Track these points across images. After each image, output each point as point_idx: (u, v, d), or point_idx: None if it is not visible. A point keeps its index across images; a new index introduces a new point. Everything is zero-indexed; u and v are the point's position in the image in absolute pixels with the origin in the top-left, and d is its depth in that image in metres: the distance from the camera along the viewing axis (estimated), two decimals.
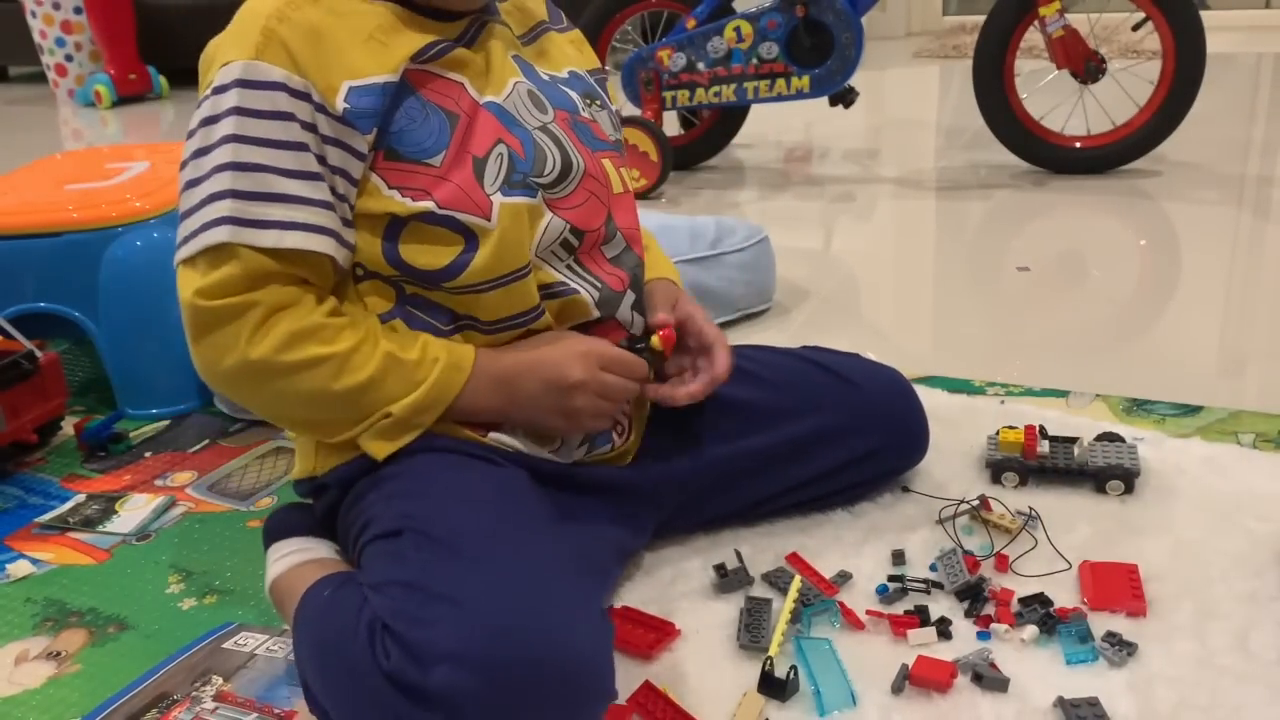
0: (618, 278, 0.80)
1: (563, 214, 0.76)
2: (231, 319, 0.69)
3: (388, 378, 0.71)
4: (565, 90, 0.82)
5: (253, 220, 0.69)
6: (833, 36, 1.88)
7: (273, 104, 0.69)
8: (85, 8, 3.22)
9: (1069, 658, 0.68)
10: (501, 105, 0.76)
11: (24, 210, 1.16)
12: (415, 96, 0.73)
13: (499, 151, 0.74)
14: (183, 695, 0.71)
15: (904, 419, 0.88)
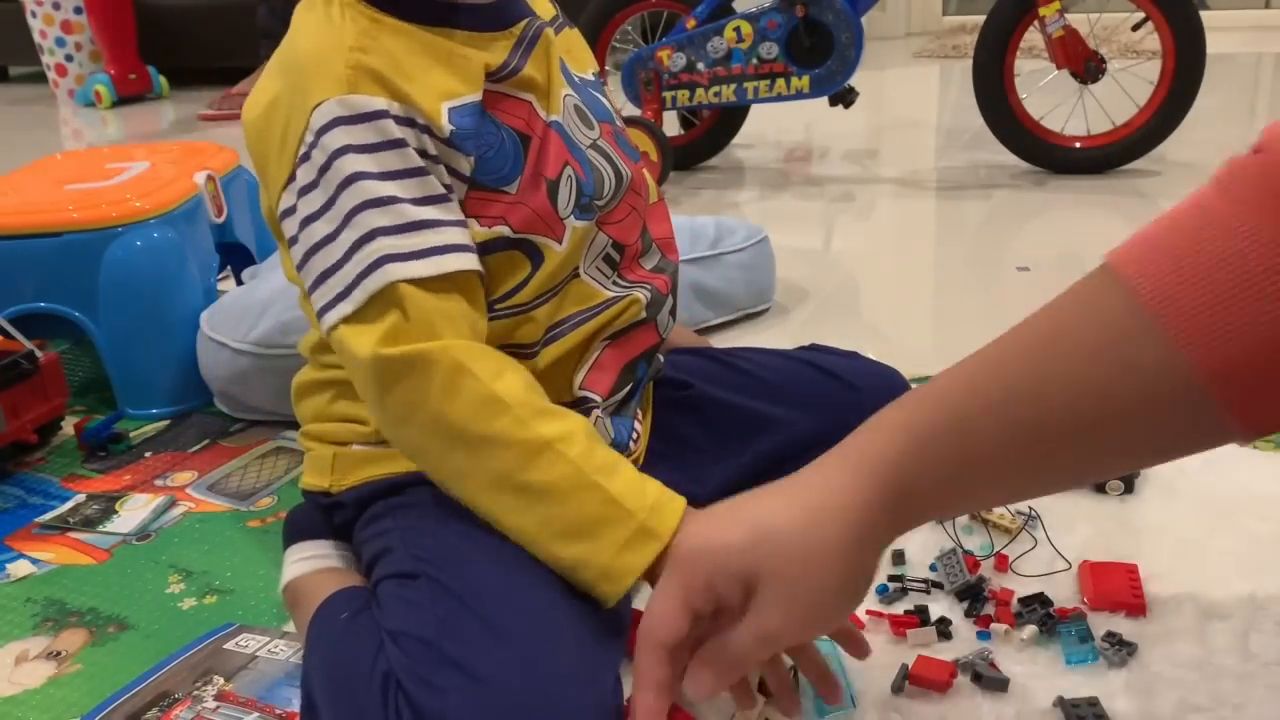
0: (662, 281, 0.80)
1: (607, 229, 0.76)
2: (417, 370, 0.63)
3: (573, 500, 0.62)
4: (598, 96, 0.80)
5: (409, 253, 0.64)
6: (833, 36, 1.88)
7: (382, 134, 0.64)
8: (85, 8, 3.22)
9: (1069, 658, 0.68)
10: (563, 125, 0.73)
11: (24, 210, 1.16)
12: (490, 119, 0.69)
13: (568, 175, 0.72)
14: (184, 694, 0.71)
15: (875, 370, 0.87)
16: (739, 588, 0.53)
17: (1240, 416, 0.47)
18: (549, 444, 0.63)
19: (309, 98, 0.65)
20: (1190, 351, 0.46)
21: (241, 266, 1.35)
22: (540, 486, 0.63)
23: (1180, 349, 0.46)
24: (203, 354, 1.13)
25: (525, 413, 0.64)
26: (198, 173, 1.26)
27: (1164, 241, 0.48)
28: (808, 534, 0.53)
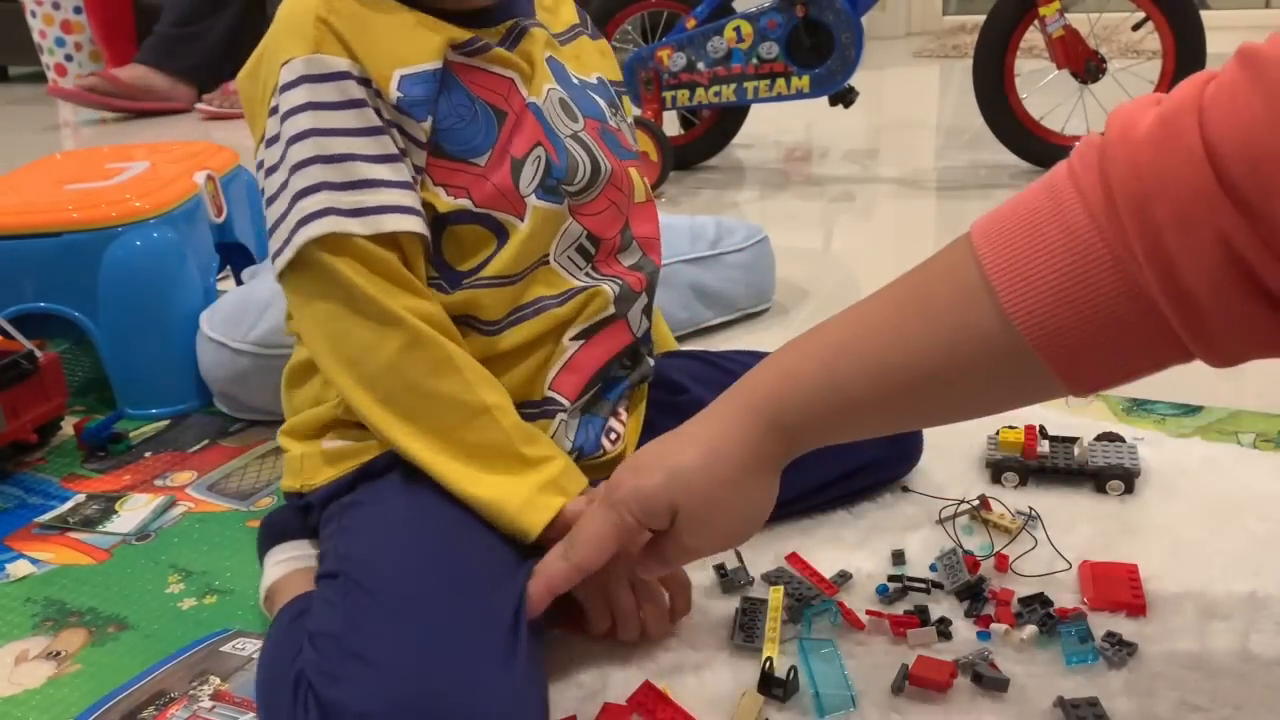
0: (636, 278, 0.81)
1: (581, 219, 0.77)
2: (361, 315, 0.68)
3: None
4: (594, 97, 0.81)
5: (349, 210, 0.68)
6: (833, 36, 1.88)
7: (343, 93, 0.68)
8: (85, 8, 3.22)
9: (1069, 658, 0.68)
10: (541, 108, 0.75)
11: (24, 210, 1.16)
12: (464, 91, 0.72)
13: (536, 154, 0.74)
14: (180, 694, 0.71)
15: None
16: (663, 518, 0.63)
17: (1063, 376, 0.54)
18: (488, 409, 0.70)
19: (280, 55, 0.69)
20: (1020, 319, 0.52)
21: (241, 266, 1.35)
22: (471, 444, 0.70)
23: (1013, 315, 0.53)
24: (202, 354, 1.13)
25: (473, 376, 0.70)
26: (197, 173, 1.26)
27: (1013, 219, 0.54)
28: (709, 472, 0.62)
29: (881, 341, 0.59)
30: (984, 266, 0.54)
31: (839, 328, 0.61)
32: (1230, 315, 0.49)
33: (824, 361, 0.60)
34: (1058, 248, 0.52)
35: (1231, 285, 0.48)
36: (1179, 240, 0.48)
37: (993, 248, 0.54)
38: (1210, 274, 0.48)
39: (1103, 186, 0.50)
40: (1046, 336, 0.52)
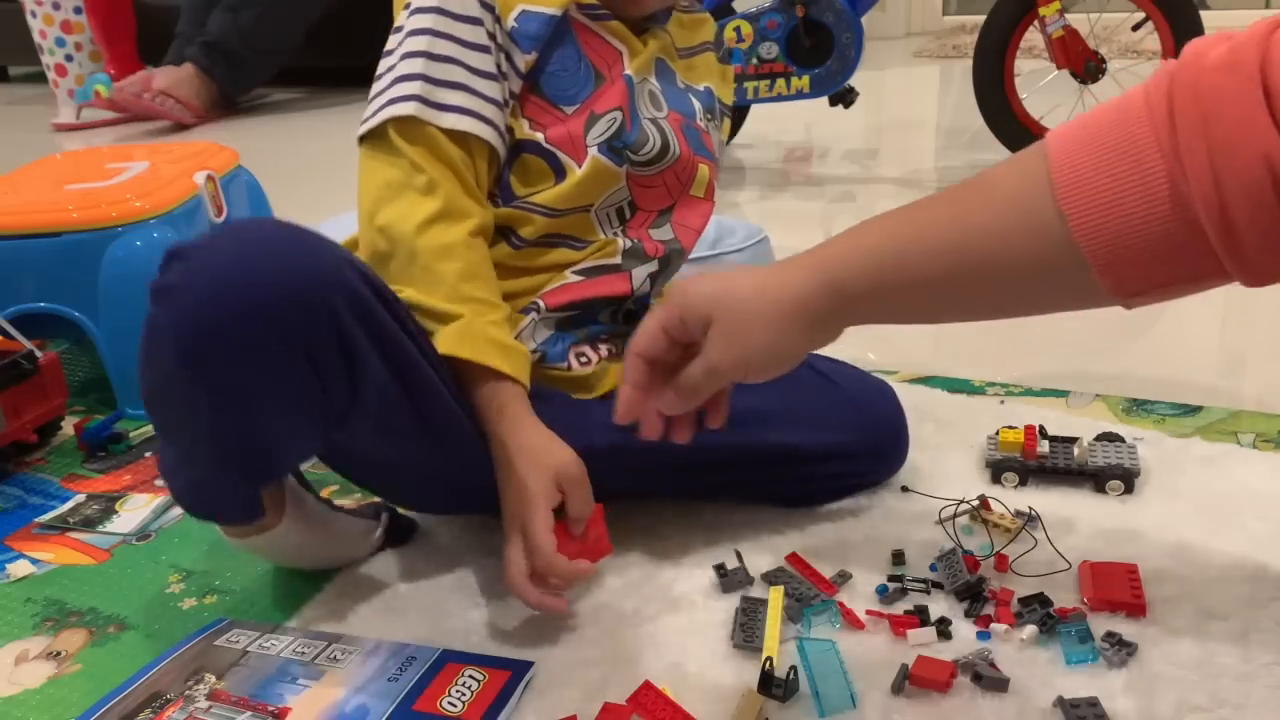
0: (655, 246, 0.87)
1: (633, 186, 0.85)
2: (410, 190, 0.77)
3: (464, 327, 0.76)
4: (692, 99, 0.90)
5: (437, 104, 0.78)
6: (832, 36, 1.88)
7: (465, 8, 0.79)
8: (85, 8, 3.22)
9: (1069, 658, 0.68)
10: (634, 81, 0.84)
11: (24, 210, 1.16)
12: (575, 45, 0.83)
13: (613, 116, 0.82)
14: (176, 694, 0.70)
15: (881, 417, 0.89)
16: (700, 325, 0.68)
17: (1105, 277, 0.57)
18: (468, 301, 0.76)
19: None
20: (1074, 214, 0.56)
21: None
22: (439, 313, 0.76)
23: (1066, 210, 0.57)
24: None
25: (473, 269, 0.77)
26: (198, 173, 1.26)
27: (1084, 126, 0.59)
28: (754, 297, 0.67)
29: (943, 219, 0.63)
30: (1049, 163, 0.58)
31: (912, 207, 0.66)
32: (1266, 234, 0.53)
33: (888, 231, 0.66)
34: (1118, 155, 0.55)
35: (1269, 204, 0.52)
36: (1225, 159, 0.52)
37: (1060, 148, 0.58)
38: (1250, 192, 0.52)
39: (1167, 105, 0.54)
40: (1094, 235, 0.56)
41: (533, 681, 0.70)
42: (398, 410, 0.73)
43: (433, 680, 0.69)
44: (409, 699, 0.68)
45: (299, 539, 0.80)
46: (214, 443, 0.68)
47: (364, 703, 0.68)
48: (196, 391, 0.65)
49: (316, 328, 0.65)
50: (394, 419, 0.73)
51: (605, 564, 0.82)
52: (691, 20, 0.93)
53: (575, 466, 0.75)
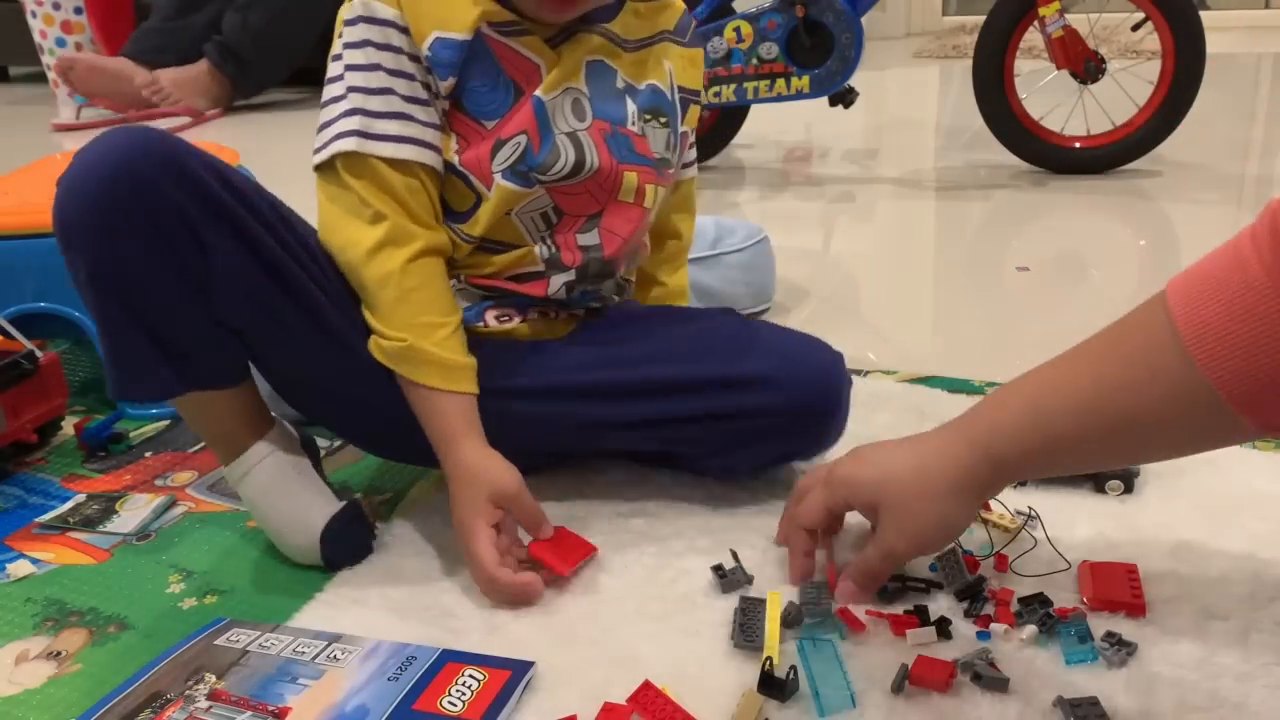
0: (573, 255, 0.89)
1: (554, 195, 0.87)
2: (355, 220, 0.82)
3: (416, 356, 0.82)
4: (627, 101, 0.89)
5: (377, 134, 0.82)
6: (832, 37, 1.88)
7: (386, 38, 0.82)
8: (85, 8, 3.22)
9: (1069, 658, 0.68)
10: (545, 102, 0.85)
11: (24, 210, 1.16)
12: (493, 61, 0.84)
13: (517, 141, 0.84)
14: (176, 695, 0.70)
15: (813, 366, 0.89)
16: (868, 510, 0.75)
17: (1243, 412, 0.60)
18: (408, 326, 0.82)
19: None
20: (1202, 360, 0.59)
21: None
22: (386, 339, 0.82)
23: (1196, 357, 0.60)
24: None
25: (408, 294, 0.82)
26: None
27: (1200, 274, 0.62)
28: (919, 479, 0.71)
29: (1081, 383, 0.66)
30: (1172, 315, 0.61)
31: (1049, 369, 0.69)
32: None
33: (1032, 399, 0.69)
34: (1236, 297, 0.59)
35: None
36: None
37: (1181, 299, 0.61)
38: None
39: (1273, 241, 0.57)
40: (1229, 378, 0.59)
41: (533, 681, 0.70)
42: (262, 291, 0.80)
43: (433, 680, 0.69)
44: (409, 699, 0.68)
45: (269, 475, 0.85)
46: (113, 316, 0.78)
47: (364, 702, 0.68)
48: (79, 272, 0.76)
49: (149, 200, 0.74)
50: (259, 296, 0.80)
51: (605, 564, 0.82)
52: (650, 8, 0.92)
53: (510, 482, 0.80)
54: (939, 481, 0.71)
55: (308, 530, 0.84)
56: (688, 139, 0.97)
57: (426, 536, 0.88)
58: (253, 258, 0.79)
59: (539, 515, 0.81)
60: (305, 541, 0.84)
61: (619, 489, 0.93)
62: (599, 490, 0.93)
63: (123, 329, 0.78)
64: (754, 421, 0.86)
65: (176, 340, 0.79)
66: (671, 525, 0.87)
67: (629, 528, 0.87)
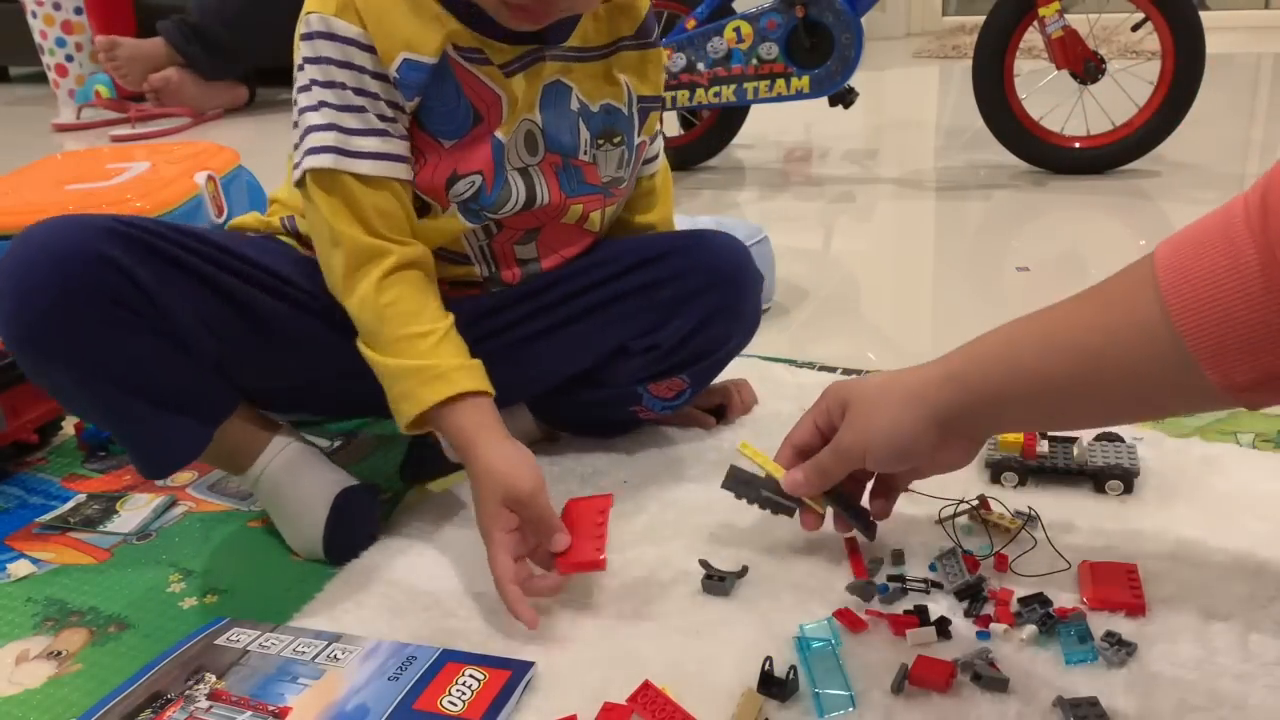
0: (512, 272, 0.92)
1: (499, 216, 0.88)
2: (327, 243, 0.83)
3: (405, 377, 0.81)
4: (579, 129, 0.89)
5: (353, 151, 0.81)
6: (832, 37, 1.88)
7: (346, 55, 0.80)
8: (85, 8, 3.22)
9: (1069, 658, 0.68)
10: (503, 143, 0.85)
11: (24, 210, 1.16)
12: (455, 83, 0.83)
13: (473, 179, 0.85)
14: (176, 694, 0.70)
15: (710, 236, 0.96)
16: (840, 414, 0.76)
17: (1210, 367, 0.59)
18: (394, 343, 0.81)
19: (311, 4, 0.81)
20: (1176, 307, 0.59)
21: None
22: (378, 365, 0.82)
23: (1170, 304, 0.59)
24: None
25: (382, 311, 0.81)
26: (198, 173, 1.26)
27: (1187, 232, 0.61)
28: (884, 387, 0.75)
29: (1055, 320, 0.67)
30: (1155, 265, 0.61)
31: (1036, 312, 0.69)
32: None
33: (1007, 331, 0.70)
34: (1216, 251, 0.58)
35: None
36: None
37: (1166, 251, 0.61)
38: None
39: (1261, 203, 0.57)
40: (1197, 328, 0.58)
41: (533, 681, 0.70)
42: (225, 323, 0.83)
43: (433, 680, 0.69)
44: (409, 698, 0.68)
45: (291, 459, 0.88)
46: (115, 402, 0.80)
47: (364, 702, 0.68)
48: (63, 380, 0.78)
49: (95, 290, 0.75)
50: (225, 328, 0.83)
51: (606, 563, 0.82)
52: (610, 9, 0.89)
53: (524, 486, 0.77)
54: (899, 389, 0.73)
55: (325, 503, 0.85)
56: (646, 145, 0.96)
57: (426, 536, 0.88)
58: (210, 295, 0.82)
59: (551, 523, 0.77)
60: (319, 517, 0.85)
61: (619, 489, 0.93)
62: (599, 491, 0.93)
63: (128, 409, 0.80)
64: (673, 286, 0.92)
65: (179, 393, 0.82)
66: (671, 526, 0.87)
67: (629, 528, 0.87)
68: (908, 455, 0.74)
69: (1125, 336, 0.62)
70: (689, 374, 0.96)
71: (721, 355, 0.97)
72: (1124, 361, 0.62)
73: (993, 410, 0.70)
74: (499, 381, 0.83)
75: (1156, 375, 0.62)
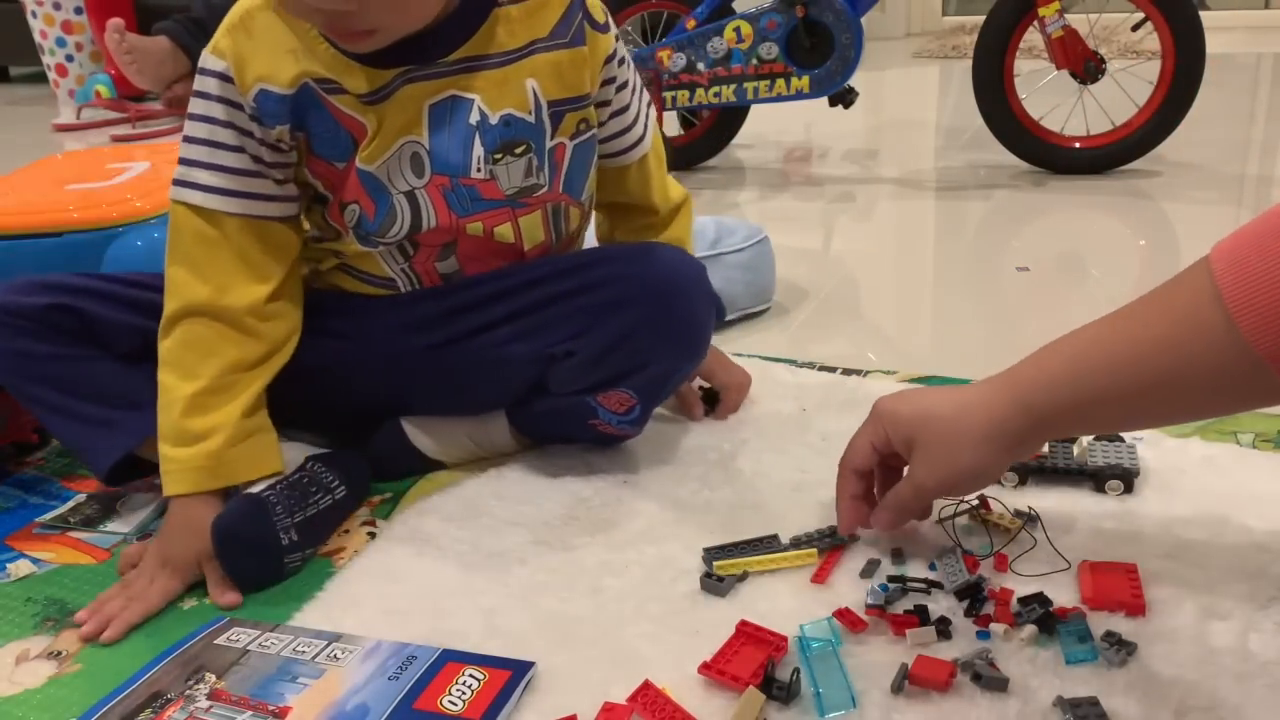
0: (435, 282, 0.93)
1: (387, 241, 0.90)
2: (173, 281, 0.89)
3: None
4: (472, 146, 0.86)
5: (187, 182, 0.87)
6: (832, 37, 1.88)
7: (210, 88, 0.85)
8: (86, 8, 3.22)
9: (1069, 657, 0.68)
10: (372, 173, 0.86)
11: (24, 210, 1.16)
12: (327, 112, 0.85)
13: (353, 208, 0.88)
14: (176, 694, 0.70)
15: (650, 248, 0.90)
16: (904, 444, 0.76)
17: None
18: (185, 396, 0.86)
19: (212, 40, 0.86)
20: (1241, 314, 0.60)
21: None
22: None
23: (1234, 311, 0.60)
24: None
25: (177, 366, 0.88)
26: None
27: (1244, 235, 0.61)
28: (955, 420, 0.73)
29: (1122, 339, 0.67)
30: (1214, 273, 0.61)
31: (1092, 328, 0.70)
32: None
33: (1072, 355, 0.70)
34: (1276, 255, 0.58)
35: None
36: None
37: (1224, 257, 0.62)
38: None
39: None
40: (1264, 333, 0.59)
41: (533, 681, 0.70)
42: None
43: (433, 679, 0.69)
44: (409, 698, 0.68)
45: None
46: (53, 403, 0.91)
47: (364, 701, 0.68)
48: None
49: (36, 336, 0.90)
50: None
51: (605, 563, 0.82)
52: (524, 10, 0.86)
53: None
54: (974, 426, 0.72)
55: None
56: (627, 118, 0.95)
57: (426, 536, 0.88)
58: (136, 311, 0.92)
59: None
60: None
61: (619, 489, 0.93)
62: (598, 489, 0.93)
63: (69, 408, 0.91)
64: (595, 295, 0.87)
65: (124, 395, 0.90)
66: (671, 526, 0.87)
67: (629, 528, 0.87)
68: (987, 483, 0.78)
69: (1193, 350, 0.63)
70: (630, 389, 0.90)
71: (657, 372, 0.90)
72: (1196, 375, 0.63)
73: (1059, 432, 0.74)
74: (434, 388, 0.91)
75: (1228, 383, 0.63)
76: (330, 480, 0.89)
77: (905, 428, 0.75)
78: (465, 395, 0.96)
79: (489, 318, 0.91)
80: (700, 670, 0.69)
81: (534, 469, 0.97)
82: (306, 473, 0.88)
